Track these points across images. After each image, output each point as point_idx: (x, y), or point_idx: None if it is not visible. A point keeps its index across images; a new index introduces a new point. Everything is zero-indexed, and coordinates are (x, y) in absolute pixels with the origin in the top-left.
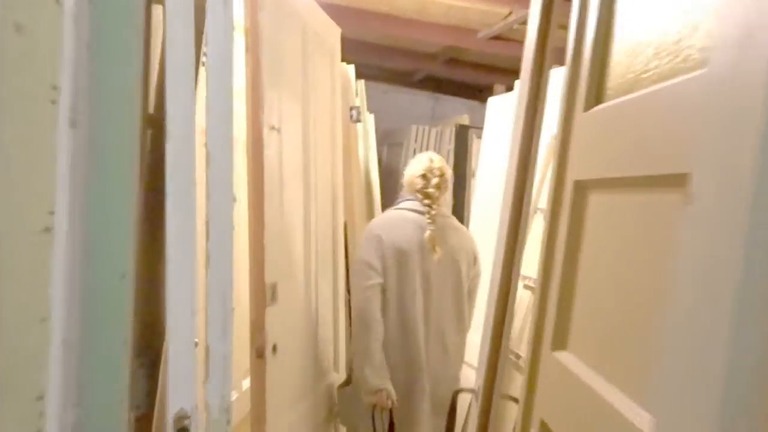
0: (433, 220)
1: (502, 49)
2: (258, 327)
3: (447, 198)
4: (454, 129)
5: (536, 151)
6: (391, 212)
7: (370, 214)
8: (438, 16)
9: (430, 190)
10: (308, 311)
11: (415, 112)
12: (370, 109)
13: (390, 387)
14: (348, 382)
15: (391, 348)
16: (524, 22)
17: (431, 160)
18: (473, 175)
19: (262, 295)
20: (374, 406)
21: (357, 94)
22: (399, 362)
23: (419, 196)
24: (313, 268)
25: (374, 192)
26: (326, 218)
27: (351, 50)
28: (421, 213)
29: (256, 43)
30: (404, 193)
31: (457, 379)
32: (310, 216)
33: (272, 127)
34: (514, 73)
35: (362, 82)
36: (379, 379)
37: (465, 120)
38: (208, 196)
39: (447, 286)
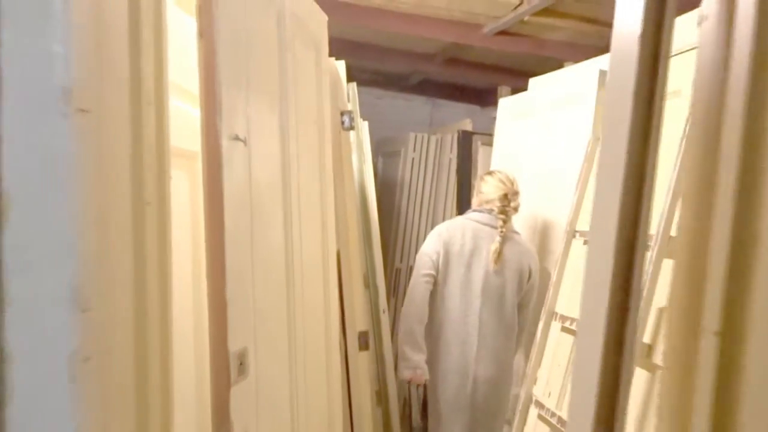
0: (503, 235)
1: (509, 45)
2: (220, 413)
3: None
4: (456, 135)
5: (656, 153)
6: (460, 219)
7: (368, 238)
8: (439, 10)
9: (509, 210)
10: (292, 382)
11: (411, 119)
12: (363, 117)
13: (425, 366)
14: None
15: (432, 338)
16: (537, 13)
17: (512, 183)
18: None
19: (225, 369)
20: (409, 381)
21: (349, 98)
22: (435, 351)
23: (495, 211)
24: (299, 323)
25: (371, 211)
26: (314, 252)
27: (340, 51)
28: (486, 225)
29: (211, 25)
30: (474, 205)
31: (493, 386)
32: (292, 253)
33: (235, 137)
34: (522, 74)
35: (353, 85)
36: (416, 357)
37: (468, 125)
38: None
39: (495, 296)
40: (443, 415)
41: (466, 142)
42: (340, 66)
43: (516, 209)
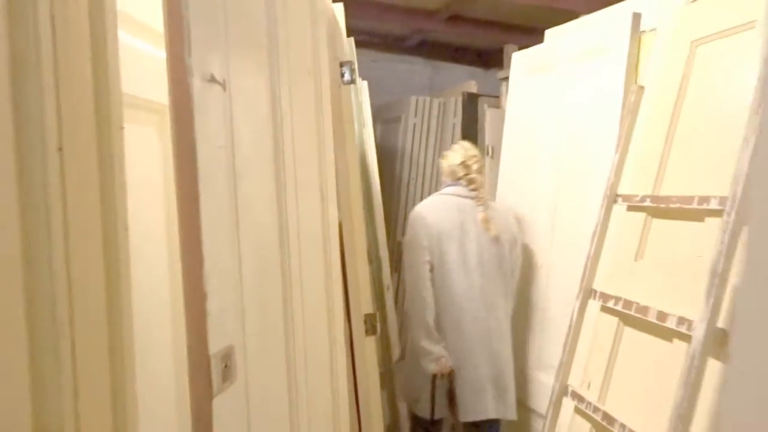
0: (483, 203)
1: None
2: (201, 424)
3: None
4: (460, 98)
5: None
6: (433, 197)
7: (370, 209)
8: None
9: (473, 175)
10: (291, 381)
11: (410, 83)
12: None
13: (446, 354)
14: (402, 357)
15: (442, 321)
16: None
17: (466, 149)
18: (488, 152)
19: (205, 375)
20: (434, 375)
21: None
22: (450, 333)
23: (464, 182)
24: (297, 309)
25: (373, 179)
26: (313, 224)
27: None
28: (466, 197)
29: None
30: (446, 180)
31: (510, 359)
32: (286, 226)
33: (210, 79)
34: (530, 31)
35: (352, 39)
36: (436, 348)
37: (473, 87)
38: None
39: (493, 265)
40: (470, 395)
41: (471, 105)
42: (338, 9)
43: (480, 171)
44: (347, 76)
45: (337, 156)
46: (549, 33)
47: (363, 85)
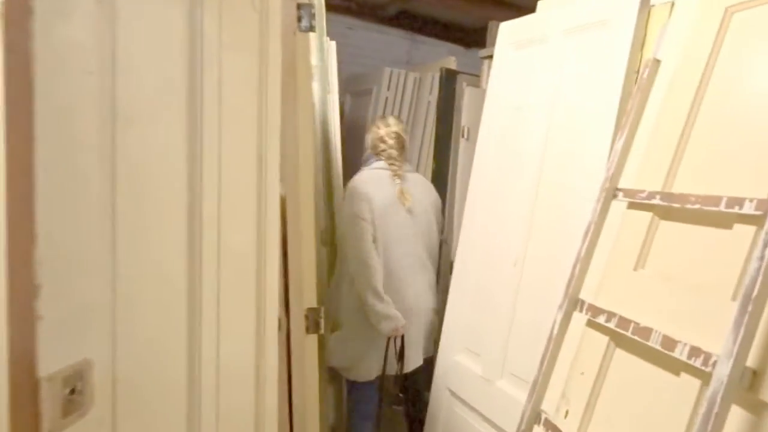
0: (399, 176)
1: None
2: None
3: (407, 155)
4: (438, 75)
5: None
6: (367, 171)
7: (329, 186)
8: None
9: (389, 150)
10: (189, 404)
11: (386, 56)
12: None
13: (400, 315)
14: (336, 329)
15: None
16: None
17: (388, 125)
18: (464, 133)
19: (31, 406)
20: (391, 336)
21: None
22: (392, 298)
23: (383, 156)
24: (209, 304)
25: (334, 154)
26: (242, 196)
27: None
28: (388, 170)
29: None
30: (371, 154)
31: (432, 311)
32: (199, 195)
33: None
34: (516, 8)
35: None
36: (392, 310)
37: (452, 63)
38: None
39: (420, 233)
40: (410, 350)
41: (449, 82)
42: None
43: (398, 148)
44: (305, 22)
45: (286, 117)
46: (542, 4)
47: (331, 46)
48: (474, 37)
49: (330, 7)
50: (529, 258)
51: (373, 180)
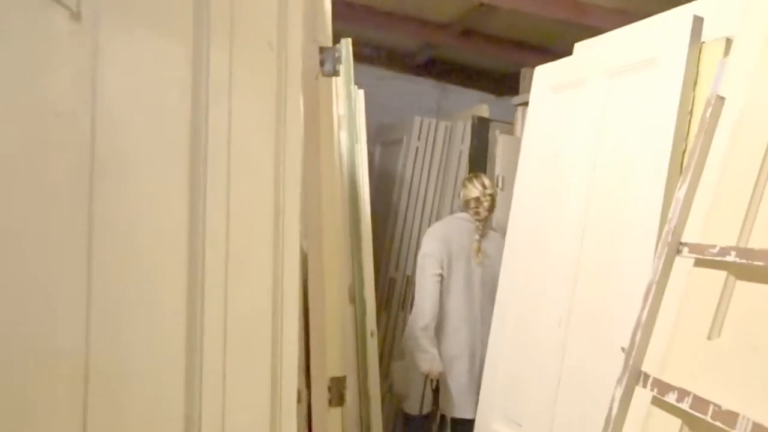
0: (481, 233)
1: (542, 7)
2: None
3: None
4: (470, 123)
5: None
6: (450, 218)
7: (357, 240)
8: None
9: (481, 210)
10: None
11: (416, 105)
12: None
13: (437, 356)
14: (401, 356)
15: (441, 327)
16: None
17: (485, 186)
18: (498, 183)
19: None
20: (427, 375)
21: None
22: (445, 339)
23: (471, 212)
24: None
25: (363, 206)
26: (255, 255)
27: (333, 15)
28: (471, 223)
29: None
30: (461, 205)
31: None
32: (201, 257)
33: None
34: (549, 54)
35: (348, 41)
36: (433, 350)
37: (484, 111)
38: None
39: (486, 285)
40: (456, 395)
41: (482, 130)
42: None
43: (490, 209)
44: (328, 66)
45: (307, 166)
46: (579, 45)
47: (359, 94)
48: (506, 84)
49: (358, 58)
50: (574, 318)
51: (454, 227)
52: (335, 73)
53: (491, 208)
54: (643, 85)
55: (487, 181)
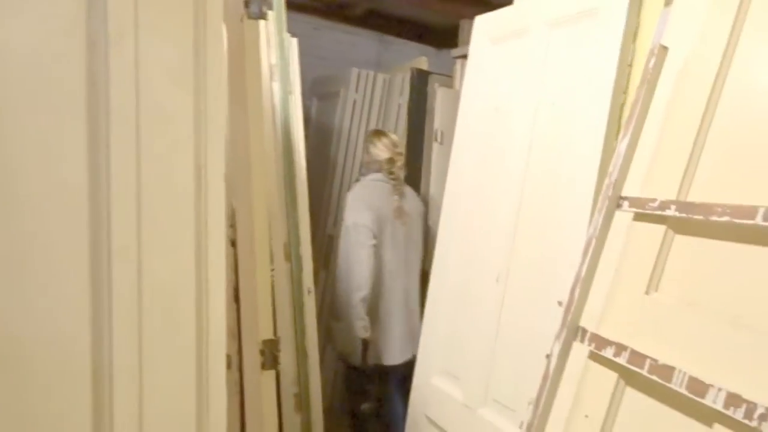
0: (399, 193)
1: None
2: None
3: None
4: (408, 76)
5: None
6: (370, 182)
7: (292, 196)
8: None
9: (395, 170)
10: None
11: (355, 57)
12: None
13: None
14: (338, 318)
15: (376, 288)
16: None
17: (395, 145)
18: (437, 137)
19: None
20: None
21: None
22: (382, 298)
23: (385, 173)
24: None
25: (298, 160)
26: (174, 213)
27: None
28: (387, 184)
29: None
30: (370, 166)
31: (418, 312)
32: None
33: None
34: (493, 6)
35: None
36: (366, 322)
37: (423, 64)
38: None
39: (409, 241)
40: (392, 349)
41: (421, 83)
42: None
43: (401, 167)
44: (254, 7)
45: (235, 118)
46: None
47: (292, 43)
48: (445, 38)
49: (294, 6)
50: (513, 273)
51: (376, 190)
52: (262, 15)
53: (403, 166)
54: (584, 36)
55: (395, 138)
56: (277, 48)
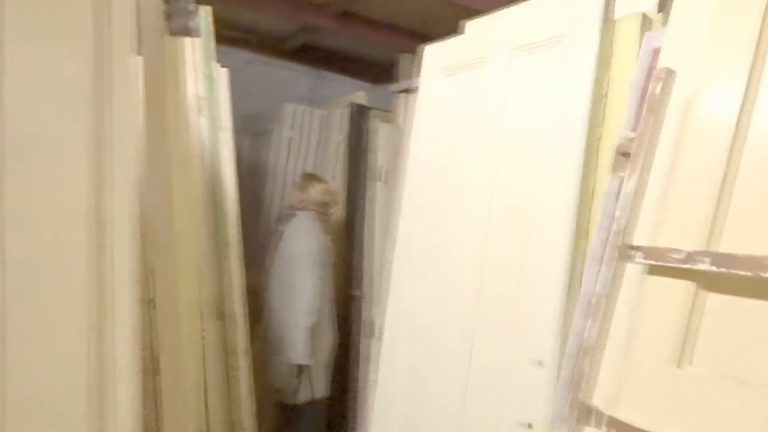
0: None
1: None
2: None
3: None
4: (347, 111)
5: None
6: (311, 215)
7: (224, 245)
8: None
9: (330, 214)
10: None
11: (288, 93)
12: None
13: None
14: (276, 351)
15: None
16: None
17: (333, 192)
18: (380, 177)
19: None
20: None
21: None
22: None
23: (318, 215)
24: None
25: (229, 205)
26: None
27: None
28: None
29: None
30: (308, 202)
31: None
32: None
33: None
34: (429, 39)
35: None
36: (310, 349)
37: (362, 99)
38: None
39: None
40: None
41: (360, 118)
42: None
43: (334, 212)
44: (178, 22)
45: (152, 154)
46: (471, 24)
47: (222, 74)
48: (383, 72)
49: (224, 39)
50: (480, 330)
51: (317, 224)
52: (187, 32)
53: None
54: (551, 65)
55: (332, 186)
56: (206, 79)
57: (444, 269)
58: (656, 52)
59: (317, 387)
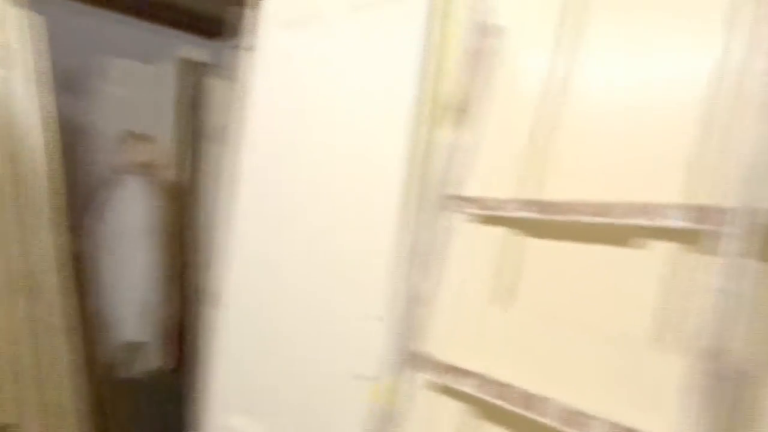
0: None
1: None
2: None
3: None
4: (178, 67)
5: None
6: (141, 180)
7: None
8: None
9: (158, 175)
10: None
11: (115, 46)
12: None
13: None
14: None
15: None
16: None
17: (165, 151)
18: (216, 138)
19: None
20: None
21: None
22: None
23: (148, 178)
24: None
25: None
26: None
27: None
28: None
29: None
30: (133, 164)
31: None
32: None
33: None
34: None
35: None
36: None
37: (195, 54)
38: None
39: None
40: None
41: (193, 75)
42: None
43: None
44: None
45: None
46: None
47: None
48: (218, 26)
49: None
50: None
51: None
52: None
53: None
54: (388, 18)
55: (159, 146)
56: (13, 25)
57: (284, 230)
58: (490, 8)
59: (154, 359)
